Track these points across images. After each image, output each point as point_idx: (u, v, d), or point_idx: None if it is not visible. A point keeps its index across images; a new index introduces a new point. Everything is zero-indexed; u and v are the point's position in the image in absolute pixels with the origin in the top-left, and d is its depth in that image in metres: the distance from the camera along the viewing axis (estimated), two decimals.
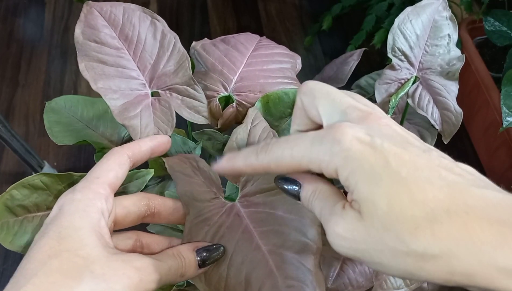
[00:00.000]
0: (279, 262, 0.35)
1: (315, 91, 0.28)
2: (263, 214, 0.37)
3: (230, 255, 0.35)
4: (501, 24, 0.94)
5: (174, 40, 0.42)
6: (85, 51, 0.40)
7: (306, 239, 0.36)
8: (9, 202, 0.39)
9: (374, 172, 0.23)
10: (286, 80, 0.48)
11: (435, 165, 0.23)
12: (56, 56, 1.28)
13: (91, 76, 0.39)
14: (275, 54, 0.50)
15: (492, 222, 0.21)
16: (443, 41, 0.64)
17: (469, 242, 0.20)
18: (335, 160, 0.24)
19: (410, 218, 0.22)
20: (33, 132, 1.13)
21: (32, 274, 0.26)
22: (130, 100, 0.40)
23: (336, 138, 0.24)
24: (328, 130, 0.25)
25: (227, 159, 0.31)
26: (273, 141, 0.28)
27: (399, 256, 0.22)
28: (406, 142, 0.24)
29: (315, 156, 0.25)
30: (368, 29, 1.12)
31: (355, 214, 0.24)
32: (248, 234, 0.36)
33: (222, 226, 0.36)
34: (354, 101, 0.27)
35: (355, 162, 0.23)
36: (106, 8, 0.41)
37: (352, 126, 0.25)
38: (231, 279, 0.34)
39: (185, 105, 0.42)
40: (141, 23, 0.42)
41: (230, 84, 0.46)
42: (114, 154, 0.34)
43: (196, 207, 0.37)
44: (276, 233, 0.36)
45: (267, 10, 1.40)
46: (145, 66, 0.42)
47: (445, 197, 0.22)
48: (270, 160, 0.27)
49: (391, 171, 0.23)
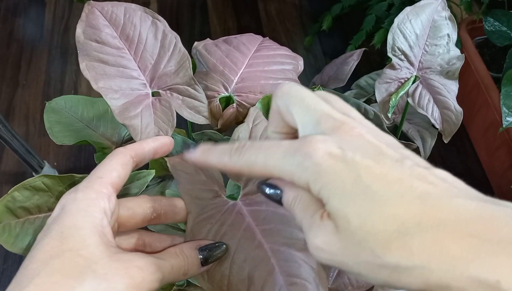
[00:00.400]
0: (281, 260, 0.35)
1: (290, 97, 0.27)
2: (265, 212, 0.37)
3: (233, 253, 0.35)
4: (501, 24, 0.94)
5: (175, 40, 0.42)
6: (86, 51, 0.40)
7: None
8: (10, 204, 0.39)
9: (345, 187, 0.23)
10: (287, 82, 0.48)
11: (407, 175, 0.23)
12: (56, 56, 1.28)
13: (92, 76, 0.39)
14: (277, 55, 0.50)
15: (463, 235, 0.21)
16: (442, 40, 0.64)
17: (441, 256, 0.21)
18: (306, 174, 0.24)
19: (382, 232, 0.22)
20: (33, 132, 1.13)
21: (34, 274, 0.26)
22: (130, 100, 0.40)
23: (308, 152, 0.24)
24: (301, 143, 0.25)
25: (201, 151, 0.30)
26: (248, 144, 0.27)
27: (375, 268, 0.22)
28: (378, 154, 0.24)
29: (287, 167, 0.25)
30: (368, 29, 1.12)
31: (332, 226, 0.24)
32: (250, 232, 0.36)
33: (224, 224, 0.36)
34: (328, 109, 0.26)
35: (326, 177, 0.23)
36: (108, 8, 0.41)
37: (324, 141, 0.24)
38: (233, 277, 0.34)
39: (186, 105, 0.42)
40: (142, 23, 0.42)
41: (231, 84, 0.47)
42: (117, 154, 0.34)
43: (198, 205, 0.37)
44: (279, 231, 0.36)
45: (267, 10, 1.40)
46: (146, 66, 0.42)
47: (416, 210, 0.22)
48: (243, 164, 0.27)
49: (362, 186, 0.23)
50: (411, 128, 0.73)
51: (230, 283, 0.34)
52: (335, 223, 0.24)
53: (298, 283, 0.34)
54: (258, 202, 0.38)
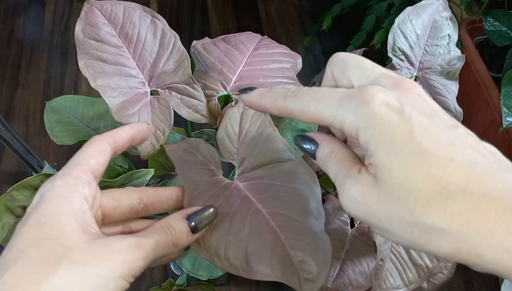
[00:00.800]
0: (280, 222, 0.34)
1: (347, 61, 0.28)
2: (261, 184, 0.37)
3: (229, 218, 0.34)
4: (501, 24, 0.94)
5: (174, 39, 0.42)
6: (85, 49, 0.40)
7: (308, 204, 0.36)
8: (9, 203, 0.39)
9: (396, 140, 0.23)
10: (286, 80, 0.48)
11: (459, 142, 0.23)
12: (56, 56, 1.28)
13: (91, 74, 0.39)
14: (275, 53, 0.50)
15: (507, 207, 0.21)
16: (443, 41, 0.64)
17: (481, 223, 0.20)
18: (358, 120, 0.24)
19: (424, 191, 0.22)
20: (33, 132, 1.13)
21: (10, 264, 0.26)
22: (129, 98, 0.40)
23: (365, 99, 0.24)
24: (358, 90, 0.25)
25: (257, 94, 0.30)
26: (304, 89, 0.28)
27: (408, 226, 0.22)
28: (435, 115, 0.24)
29: (341, 113, 0.25)
30: (368, 29, 1.12)
31: (371, 178, 0.24)
32: (247, 200, 0.36)
33: (221, 197, 0.36)
34: (386, 70, 0.27)
35: (379, 127, 0.23)
36: (107, 6, 0.41)
37: (383, 91, 0.24)
38: (231, 240, 0.33)
39: (184, 104, 0.42)
40: (142, 22, 0.42)
41: (229, 83, 0.47)
42: (94, 141, 0.33)
43: (194, 183, 0.36)
44: (276, 197, 0.36)
45: (267, 10, 1.40)
46: (145, 65, 0.42)
47: (463, 175, 0.22)
48: (295, 107, 0.27)
49: (414, 142, 0.23)
50: None
51: (227, 247, 0.33)
52: (376, 175, 0.24)
53: (298, 239, 0.33)
54: (254, 178, 0.38)
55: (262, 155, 0.39)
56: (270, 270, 0.32)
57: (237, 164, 0.39)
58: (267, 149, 0.39)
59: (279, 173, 0.37)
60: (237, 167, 0.39)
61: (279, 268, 0.32)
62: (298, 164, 0.38)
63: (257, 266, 0.32)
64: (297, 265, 0.32)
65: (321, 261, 0.32)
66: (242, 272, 0.32)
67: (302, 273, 0.32)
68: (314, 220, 0.35)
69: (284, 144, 0.39)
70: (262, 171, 0.38)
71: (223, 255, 0.33)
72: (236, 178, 0.38)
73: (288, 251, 0.33)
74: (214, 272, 0.50)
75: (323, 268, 0.32)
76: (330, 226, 0.59)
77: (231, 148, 0.41)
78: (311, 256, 0.32)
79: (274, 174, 0.37)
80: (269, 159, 0.38)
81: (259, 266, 0.32)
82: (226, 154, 0.41)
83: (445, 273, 0.64)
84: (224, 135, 0.41)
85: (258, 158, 0.39)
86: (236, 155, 0.40)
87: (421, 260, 0.51)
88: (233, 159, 0.40)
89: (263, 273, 0.32)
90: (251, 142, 0.40)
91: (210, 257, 0.33)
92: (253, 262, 0.32)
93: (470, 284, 0.90)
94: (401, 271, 0.50)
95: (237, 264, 0.32)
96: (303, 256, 0.32)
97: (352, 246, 0.58)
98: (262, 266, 0.32)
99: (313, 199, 0.36)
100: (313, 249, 0.33)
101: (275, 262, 0.32)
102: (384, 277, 0.50)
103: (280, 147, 0.39)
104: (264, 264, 0.32)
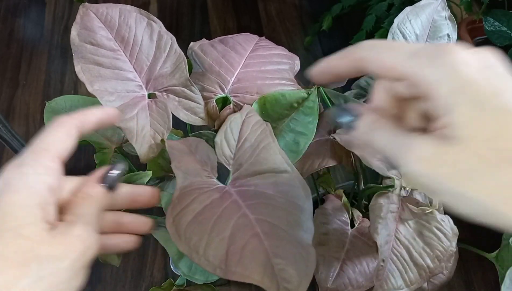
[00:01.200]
0: (266, 229, 0.34)
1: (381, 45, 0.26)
2: (253, 191, 0.37)
3: (215, 218, 0.34)
4: (501, 24, 0.94)
5: (171, 42, 0.42)
6: (81, 53, 0.40)
7: (298, 216, 0.35)
8: None
9: (481, 97, 0.22)
10: (284, 82, 0.48)
11: None
12: (56, 56, 1.28)
13: (87, 79, 0.39)
14: (273, 55, 0.50)
15: None
16: (442, 41, 0.64)
17: None
18: (439, 72, 0.23)
19: (507, 151, 0.21)
20: (33, 132, 1.13)
21: None
22: (126, 102, 0.40)
23: (450, 53, 0.23)
24: (438, 46, 0.24)
25: (324, 61, 0.30)
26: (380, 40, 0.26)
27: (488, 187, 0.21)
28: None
29: (418, 63, 0.24)
30: (368, 29, 1.12)
31: (444, 138, 0.23)
32: (236, 204, 0.36)
33: (211, 197, 0.36)
34: None
35: (461, 81, 0.22)
36: (102, 9, 0.41)
37: (464, 49, 0.23)
38: (213, 238, 0.33)
39: (182, 106, 0.42)
40: (138, 25, 0.42)
41: (227, 85, 0.46)
42: (63, 123, 0.32)
43: (187, 179, 0.37)
44: (266, 205, 0.36)
45: (267, 10, 1.39)
46: (142, 68, 0.42)
47: None
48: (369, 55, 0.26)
49: (501, 101, 0.22)
50: None
51: (208, 246, 0.33)
52: (455, 132, 0.22)
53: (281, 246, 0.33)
54: (247, 185, 0.38)
55: (258, 164, 0.39)
56: (249, 272, 0.32)
57: (232, 170, 0.39)
58: (264, 158, 0.39)
59: (273, 183, 0.37)
60: (231, 172, 0.39)
61: (258, 272, 0.32)
62: (294, 176, 0.38)
63: (236, 267, 0.32)
64: (277, 272, 0.32)
65: (303, 272, 0.32)
66: (219, 271, 0.32)
67: (281, 281, 0.32)
68: (302, 232, 0.34)
69: (282, 156, 0.39)
70: (256, 179, 0.38)
71: (202, 252, 0.33)
72: (229, 183, 0.38)
73: (270, 257, 0.32)
74: (210, 277, 0.50)
75: (303, 280, 0.32)
76: (330, 226, 0.59)
77: (228, 152, 0.41)
78: (294, 266, 0.32)
79: (268, 183, 0.37)
80: (265, 168, 0.38)
81: (238, 267, 0.32)
82: (223, 158, 0.40)
83: (445, 273, 0.64)
84: (222, 139, 0.41)
85: (254, 166, 0.39)
86: (233, 160, 0.40)
87: (422, 260, 0.51)
88: (229, 163, 0.40)
89: (241, 274, 0.31)
90: (249, 149, 0.40)
91: (189, 251, 0.33)
92: (232, 263, 0.32)
93: (470, 284, 0.90)
94: (403, 272, 0.50)
95: (216, 262, 0.32)
96: (284, 265, 0.32)
97: (352, 246, 0.58)
98: (241, 268, 0.32)
99: (303, 212, 0.36)
100: (296, 260, 0.32)
101: (255, 265, 0.32)
102: (386, 277, 0.50)
103: (277, 157, 0.39)
104: (243, 266, 0.32)
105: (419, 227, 0.51)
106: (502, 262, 0.61)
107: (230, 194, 0.37)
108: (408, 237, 0.51)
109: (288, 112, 0.47)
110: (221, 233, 0.33)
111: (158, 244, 0.94)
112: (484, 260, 0.91)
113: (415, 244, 0.51)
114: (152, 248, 0.94)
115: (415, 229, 0.51)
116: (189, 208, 0.34)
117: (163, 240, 0.50)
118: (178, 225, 0.34)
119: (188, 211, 0.34)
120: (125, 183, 0.41)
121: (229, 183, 0.38)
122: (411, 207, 0.52)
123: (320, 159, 0.60)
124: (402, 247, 0.50)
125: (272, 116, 0.47)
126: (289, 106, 0.47)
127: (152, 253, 0.93)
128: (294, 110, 0.47)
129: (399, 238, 0.51)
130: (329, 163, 0.60)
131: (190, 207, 0.35)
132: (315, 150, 0.61)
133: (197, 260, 0.32)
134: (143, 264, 0.91)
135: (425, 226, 0.52)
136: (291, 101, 0.46)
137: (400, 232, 0.51)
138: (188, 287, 0.59)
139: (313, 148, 0.61)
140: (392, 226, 0.50)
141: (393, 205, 0.51)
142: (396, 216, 0.51)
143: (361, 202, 0.70)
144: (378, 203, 0.50)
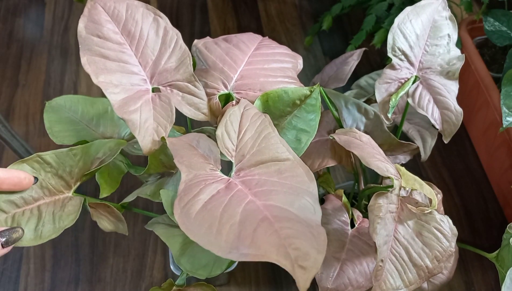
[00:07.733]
0: (275, 212, 0.34)
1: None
2: (257, 180, 0.37)
3: (223, 207, 0.34)
4: (501, 24, 0.94)
5: (176, 37, 0.43)
6: (87, 46, 0.40)
7: (304, 200, 0.35)
8: None
9: None
10: (287, 80, 0.48)
11: None
12: (56, 56, 1.28)
13: (93, 70, 0.39)
14: (276, 53, 0.51)
15: None
16: (443, 41, 0.64)
17: None
18: None
19: None
20: (33, 132, 1.13)
21: None
22: (130, 95, 0.40)
23: None
24: None
25: None
26: None
27: None
28: None
29: None
30: (368, 29, 1.12)
31: None
32: (242, 193, 0.36)
33: (217, 188, 0.36)
34: None
35: None
36: (110, 3, 0.42)
37: None
38: (223, 224, 0.33)
39: (186, 101, 0.43)
40: (144, 19, 0.42)
41: (230, 82, 0.47)
42: None
43: (191, 173, 0.37)
44: (272, 191, 0.36)
45: (267, 10, 1.40)
46: (147, 62, 0.42)
47: None
48: None
49: None
50: (411, 128, 0.73)
51: (220, 230, 0.33)
52: None
53: (291, 227, 0.33)
54: (251, 174, 0.38)
55: (260, 153, 0.39)
56: (262, 252, 0.31)
57: (235, 161, 0.40)
58: (266, 147, 0.39)
59: (276, 171, 0.38)
60: (234, 164, 0.40)
61: (271, 251, 0.32)
62: (296, 163, 0.38)
63: (249, 249, 0.32)
64: (291, 252, 0.32)
65: (316, 250, 0.32)
66: (233, 255, 0.32)
67: (296, 259, 0.31)
68: (310, 214, 0.35)
69: (283, 144, 0.39)
70: (259, 169, 0.38)
71: (213, 239, 0.33)
72: (233, 175, 0.39)
73: (282, 237, 0.32)
74: (213, 271, 0.50)
75: (318, 256, 0.32)
76: (330, 226, 0.59)
77: (229, 144, 0.41)
78: (307, 244, 0.32)
79: (271, 172, 0.38)
80: (267, 157, 0.39)
81: (250, 249, 0.32)
82: (225, 150, 0.41)
83: (445, 274, 0.64)
84: (223, 132, 0.42)
85: (256, 156, 0.39)
86: (235, 151, 0.41)
87: (421, 260, 0.51)
88: (231, 155, 0.41)
89: (255, 255, 0.31)
90: (250, 140, 0.40)
91: (200, 239, 0.33)
92: (245, 245, 0.32)
93: (470, 284, 0.90)
94: (401, 272, 0.50)
95: (228, 247, 0.32)
96: (298, 244, 0.32)
97: (352, 246, 0.58)
98: (254, 249, 0.32)
99: (310, 196, 0.36)
100: (308, 238, 0.32)
101: (268, 246, 0.32)
102: (384, 277, 0.50)
103: (278, 146, 0.39)
104: (256, 247, 0.32)
105: (418, 227, 0.51)
106: (502, 262, 0.61)
107: (235, 184, 0.37)
108: (407, 237, 0.51)
109: (290, 110, 0.47)
110: (230, 219, 0.34)
111: (158, 244, 0.93)
112: (484, 260, 0.92)
113: (414, 244, 0.51)
114: (152, 248, 0.94)
115: (414, 229, 0.51)
116: (196, 199, 0.35)
117: (164, 237, 0.50)
118: (187, 215, 0.34)
119: (196, 201, 0.35)
120: None
121: (233, 174, 0.39)
122: (410, 207, 0.52)
123: (320, 159, 0.60)
124: (401, 247, 0.50)
125: (274, 114, 0.47)
126: (291, 104, 0.47)
127: (152, 253, 0.93)
128: (297, 108, 0.47)
129: (398, 238, 0.51)
130: (329, 163, 0.60)
131: (197, 198, 0.35)
132: (315, 149, 0.61)
133: (209, 246, 0.32)
134: (143, 264, 0.91)
135: (424, 226, 0.52)
136: (293, 98, 0.46)
137: (399, 232, 0.51)
138: (188, 287, 0.59)
139: (313, 148, 0.61)
140: (391, 226, 0.50)
141: (392, 205, 0.51)
142: (395, 216, 0.51)
143: (361, 202, 0.70)
144: (377, 203, 0.50)
